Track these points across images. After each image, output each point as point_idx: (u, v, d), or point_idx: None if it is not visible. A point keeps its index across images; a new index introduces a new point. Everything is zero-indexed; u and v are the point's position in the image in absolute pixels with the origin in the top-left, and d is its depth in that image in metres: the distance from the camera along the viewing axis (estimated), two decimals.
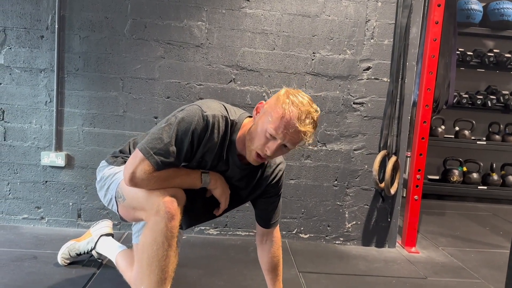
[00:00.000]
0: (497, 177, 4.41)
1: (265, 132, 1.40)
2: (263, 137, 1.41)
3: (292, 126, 1.38)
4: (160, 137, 1.42)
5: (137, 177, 1.41)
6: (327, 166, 2.76)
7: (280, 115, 1.39)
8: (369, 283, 2.24)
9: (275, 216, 1.72)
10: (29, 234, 2.53)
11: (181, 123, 1.43)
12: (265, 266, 1.75)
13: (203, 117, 1.44)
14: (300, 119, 1.38)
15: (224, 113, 1.50)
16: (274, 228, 1.74)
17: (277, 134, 1.39)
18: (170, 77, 2.63)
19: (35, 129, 2.62)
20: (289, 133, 1.39)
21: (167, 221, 1.39)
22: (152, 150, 1.41)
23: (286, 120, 1.38)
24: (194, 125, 1.42)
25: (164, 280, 1.44)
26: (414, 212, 2.79)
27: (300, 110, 1.39)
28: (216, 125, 1.46)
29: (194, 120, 1.43)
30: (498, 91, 4.49)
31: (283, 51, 2.66)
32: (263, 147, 1.42)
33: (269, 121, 1.40)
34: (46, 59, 2.58)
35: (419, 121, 2.75)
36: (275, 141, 1.40)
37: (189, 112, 1.45)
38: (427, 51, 2.71)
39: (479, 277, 2.45)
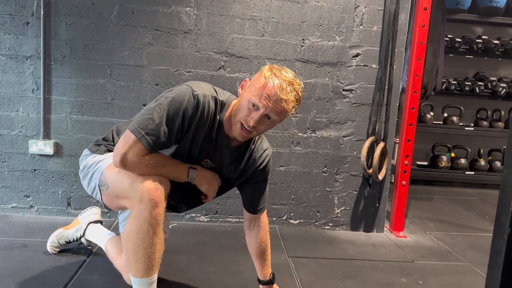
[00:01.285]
0: (484, 163, 4.47)
1: (248, 102, 1.43)
2: (246, 108, 1.43)
3: (274, 95, 1.41)
4: (151, 117, 1.41)
5: (128, 159, 1.40)
6: (316, 152, 2.77)
7: (262, 85, 1.42)
8: (357, 266, 2.28)
9: (262, 202, 1.73)
10: (18, 222, 2.53)
11: (172, 102, 1.42)
12: (253, 251, 1.78)
13: (194, 96, 1.44)
14: (282, 88, 1.41)
15: (213, 93, 1.51)
16: (262, 214, 1.75)
17: (259, 103, 1.41)
18: (158, 64, 2.61)
19: (22, 117, 2.60)
20: (271, 101, 1.41)
21: (151, 208, 1.39)
22: (143, 130, 1.40)
23: (268, 88, 1.41)
24: (185, 105, 1.42)
25: (151, 267, 1.45)
26: (402, 197, 2.83)
27: (282, 80, 1.43)
28: (206, 105, 1.46)
29: (185, 100, 1.43)
30: (486, 77, 4.53)
31: (273, 38, 2.65)
32: (247, 118, 1.44)
33: (252, 92, 1.43)
34: (32, 46, 2.54)
35: (407, 108, 2.77)
36: (258, 111, 1.43)
37: (179, 92, 1.44)
38: (415, 37, 2.72)
39: (465, 260, 2.50)
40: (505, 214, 0.94)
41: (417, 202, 3.78)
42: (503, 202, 0.95)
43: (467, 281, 2.21)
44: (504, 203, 0.95)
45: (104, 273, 1.95)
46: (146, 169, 1.43)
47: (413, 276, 2.21)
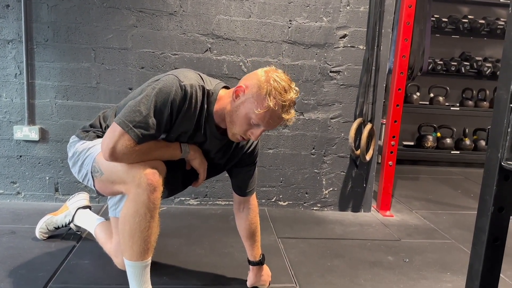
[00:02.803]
0: (469, 142, 4.54)
1: (250, 120, 1.42)
2: (247, 124, 1.44)
3: (277, 116, 1.42)
4: (138, 109, 1.38)
5: (117, 152, 1.38)
6: (304, 135, 2.78)
7: (266, 108, 1.38)
8: (345, 246, 2.32)
9: (251, 184, 1.74)
10: (5, 209, 2.50)
11: (159, 94, 1.40)
12: (243, 233, 1.79)
13: (181, 87, 1.41)
14: (284, 110, 1.41)
15: (200, 82, 1.48)
16: (251, 196, 1.77)
17: (262, 123, 1.42)
18: (143, 46, 2.57)
19: (6, 103, 2.55)
20: (274, 122, 1.43)
21: (149, 193, 1.39)
22: (131, 123, 1.37)
23: (271, 112, 1.40)
24: (173, 96, 1.40)
25: (147, 250, 1.46)
26: (388, 177, 2.87)
27: (284, 100, 1.40)
28: (194, 95, 1.45)
29: (172, 91, 1.40)
30: (472, 57, 4.56)
31: (259, 19, 2.62)
32: (247, 133, 1.46)
33: (253, 112, 1.40)
34: (13, 30, 2.48)
35: (394, 89, 2.79)
36: (259, 127, 1.44)
37: (166, 83, 1.42)
38: (402, 17, 2.71)
39: (450, 237, 2.56)
40: (489, 192, 0.96)
41: (403, 181, 3.84)
42: (487, 181, 0.97)
43: (452, 258, 2.26)
44: (488, 181, 0.96)
45: (94, 258, 1.96)
46: (138, 158, 1.42)
47: (400, 254, 2.26)
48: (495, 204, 0.96)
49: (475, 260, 1.01)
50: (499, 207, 0.96)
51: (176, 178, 1.66)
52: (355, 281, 1.93)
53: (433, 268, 2.12)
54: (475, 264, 1.01)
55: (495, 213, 0.96)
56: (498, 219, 0.97)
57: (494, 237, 0.98)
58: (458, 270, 2.10)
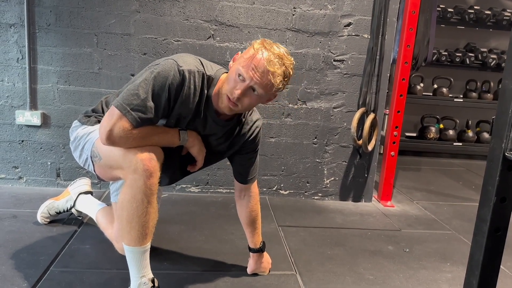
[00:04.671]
0: (472, 134, 4.53)
1: (236, 74, 1.41)
2: (233, 80, 1.42)
3: (260, 66, 1.38)
4: (136, 93, 1.38)
5: (114, 135, 1.37)
6: (307, 124, 2.77)
7: (251, 55, 1.40)
8: (345, 235, 2.33)
9: (252, 172, 1.74)
10: (7, 194, 2.51)
11: (157, 77, 1.39)
12: (244, 220, 1.80)
13: (179, 71, 1.41)
14: (270, 60, 1.38)
15: (200, 68, 1.47)
16: (252, 184, 1.76)
17: (245, 74, 1.39)
18: (146, 32, 2.55)
19: (8, 87, 2.54)
20: (257, 73, 1.38)
21: (145, 178, 1.39)
22: (129, 106, 1.37)
23: (256, 59, 1.39)
24: (170, 80, 1.40)
25: (145, 235, 1.47)
26: (390, 167, 2.87)
27: (272, 53, 1.40)
28: (192, 80, 1.44)
29: (170, 75, 1.40)
30: (477, 48, 4.52)
31: (263, 6, 2.60)
32: (233, 90, 1.42)
33: (240, 63, 1.42)
34: (15, 13, 2.46)
35: (398, 78, 2.77)
36: (244, 82, 1.41)
37: (164, 67, 1.41)
38: (407, 6, 2.68)
39: (450, 228, 2.56)
40: (492, 183, 0.96)
41: (405, 172, 3.83)
42: (490, 171, 0.96)
43: (452, 248, 2.27)
44: (491, 172, 0.96)
45: (95, 243, 1.97)
46: (135, 142, 1.41)
47: (400, 244, 2.26)
48: (497, 195, 0.95)
49: (475, 250, 1.01)
50: (502, 198, 0.95)
51: (174, 165, 1.66)
52: (354, 269, 1.94)
53: (433, 258, 2.12)
54: (475, 254, 1.01)
55: (497, 204, 0.96)
56: (500, 209, 0.96)
57: (496, 228, 0.97)
58: (458, 261, 2.11)
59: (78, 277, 1.69)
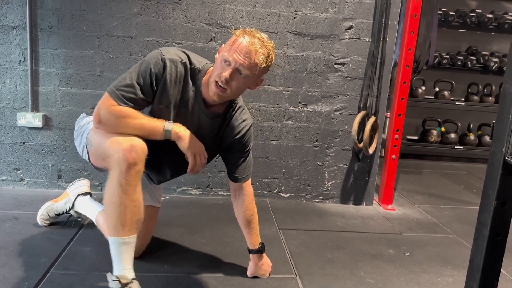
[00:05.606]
0: (473, 137, 4.52)
1: (221, 60, 1.50)
2: (220, 66, 1.51)
3: (243, 48, 1.47)
4: (124, 77, 1.53)
5: (101, 115, 1.49)
6: (308, 127, 2.77)
7: (233, 41, 1.50)
8: (346, 238, 2.33)
9: (244, 171, 1.77)
10: (8, 195, 2.52)
11: (142, 64, 1.54)
12: (240, 220, 1.82)
13: (161, 59, 1.52)
14: (252, 42, 1.48)
15: (184, 59, 1.57)
16: (245, 183, 1.79)
17: (230, 57, 1.48)
18: (147, 35, 2.56)
19: (10, 89, 2.55)
20: (241, 54, 1.47)
21: (123, 168, 1.40)
22: (115, 87, 1.51)
23: (238, 43, 1.48)
24: (152, 65, 1.51)
25: (122, 227, 1.44)
26: (391, 171, 2.86)
27: (252, 36, 1.50)
28: (174, 68, 1.53)
29: (152, 61, 1.52)
30: (478, 51, 4.52)
31: (265, 9, 2.60)
32: (220, 74, 1.49)
33: (224, 50, 1.52)
34: (17, 16, 2.47)
35: (399, 82, 2.77)
36: (229, 66, 1.49)
37: (149, 55, 1.56)
38: (409, 10, 2.69)
39: (451, 232, 2.55)
40: (492, 187, 0.96)
41: (406, 175, 3.83)
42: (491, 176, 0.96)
43: (453, 252, 2.26)
44: (492, 176, 0.96)
45: (96, 245, 1.97)
46: (117, 122, 1.48)
47: (401, 248, 2.26)
48: (498, 199, 0.95)
49: (476, 254, 1.01)
50: (502, 202, 0.95)
51: (162, 164, 1.71)
52: (355, 273, 1.94)
53: (434, 262, 2.12)
54: (476, 259, 1.00)
55: (497, 208, 0.96)
56: (501, 213, 0.96)
57: (496, 232, 0.97)
58: (459, 265, 2.11)
59: (79, 279, 1.69)
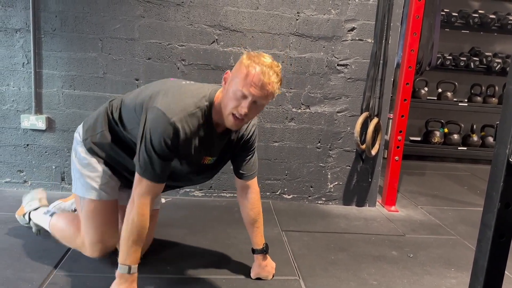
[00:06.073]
0: (477, 138, 4.50)
1: (236, 93, 1.47)
2: (235, 99, 1.48)
3: (258, 81, 1.45)
4: (145, 162, 1.51)
5: (133, 219, 1.54)
6: (310, 128, 2.77)
7: (245, 74, 1.47)
8: (349, 240, 2.32)
9: (252, 168, 1.79)
10: (12, 197, 2.52)
11: (153, 139, 1.48)
12: (246, 218, 1.83)
13: (171, 124, 1.47)
14: (264, 73, 1.46)
15: (190, 109, 1.51)
16: (252, 180, 1.80)
17: (247, 91, 1.46)
18: (150, 37, 2.56)
19: (13, 92, 2.56)
20: (257, 88, 1.46)
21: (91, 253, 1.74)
22: (149, 175, 1.52)
23: (251, 76, 1.46)
24: (164, 137, 1.47)
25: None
26: (394, 172, 2.86)
27: (262, 65, 1.47)
28: (187, 126, 1.50)
29: (161, 132, 1.47)
30: (481, 52, 4.50)
31: (267, 11, 2.60)
32: (237, 108, 1.48)
33: (237, 83, 1.48)
34: (21, 19, 2.48)
35: (402, 83, 2.76)
36: (246, 99, 1.47)
37: (155, 124, 1.48)
38: (411, 11, 2.68)
39: (455, 233, 2.55)
40: (496, 188, 0.95)
41: (409, 177, 3.82)
42: (494, 177, 0.96)
43: (457, 254, 2.25)
44: (495, 178, 0.95)
45: None
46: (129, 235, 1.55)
47: (404, 249, 2.25)
48: (501, 200, 0.95)
49: (480, 256, 1.00)
50: (506, 203, 0.95)
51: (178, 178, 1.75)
52: (358, 274, 1.93)
53: (438, 264, 2.11)
54: (480, 260, 1.00)
55: (501, 209, 0.95)
56: (504, 215, 0.96)
57: (500, 234, 0.97)
58: (462, 266, 2.10)
59: (82, 281, 1.70)
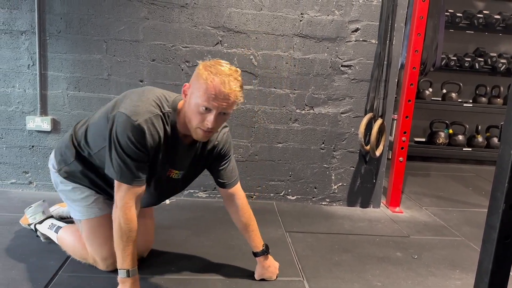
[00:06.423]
0: (481, 139, 4.48)
1: (198, 108, 1.46)
2: (199, 113, 1.47)
3: (219, 92, 1.43)
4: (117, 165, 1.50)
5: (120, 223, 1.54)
6: (314, 129, 2.77)
7: (205, 88, 1.44)
8: (353, 241, 2.32)
9: (232, 175, 1.79)
10: (17, 198, 2.54)
11: (122, 144, 1.47)
12: (239, 225, 1.83)
13: (135, 126, 1.46)
14: (224, 83, 1.44)
15: (155, 111, 1.51)
16: (236, 186, 1.81)
17: (209, 105, 1.45)
18: (154, 39, 2.57)
19: (19, 93, 2.58)
20: (219, 100, 1.44)
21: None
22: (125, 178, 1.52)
23: (211, 88, 1.43)
24: (133, 138, 1.46)
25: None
26: (398, 173, 2.85)
27: (221, 75, 1.44)
28: (152, 128, 1.49)
29: (129, 133, 1.46)
30: (486, 53, 4.49)
31: (271, 12, 2.61)
32: (204, 123, 1.47)
33: (197, 97, 1.45)
34: (26, 21, 2.50)
35: (406, 84, 2.76)
36: (211, 112, 1.46)
37: (120, 126, 1.47)
38: (415, 12, 2.68)
39: (460, 235, 2.54)
40: (501, 189, 0.95)
41: (414, 178, 3.81)
42: (499, 178, 0.95)
43: (461, 255, 2.25)
44: (500, 178, 0.95)
45: None
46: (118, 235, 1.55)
47: (408, 250, 2.25)
48: (506, 201, 0.94)
49: (485, 257, 1.00)
50: (511, 204, 0.94)
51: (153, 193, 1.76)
52: (362, 276, 1.93)
53: (442, 265, 2.10)
54: (484, 262, 1.00)
55: (506, 211, 0.95)
56: (510, 216, 0.95)
57: (505, 235, 0.96)
58: (467, 268, 2.09)
59: (87, 282, 1.70)
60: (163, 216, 2.42)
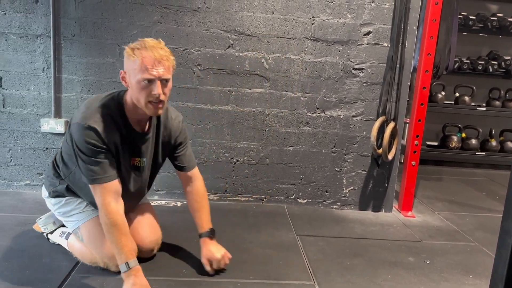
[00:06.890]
0: (495, 143, 4.42)
1: (141, 83, 1.55)
2: (143, 88, 1.57)
3: (154, 61, 1.55)
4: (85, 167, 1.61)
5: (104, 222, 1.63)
6: (325, 132, 2.77)
7: (139, 63, 1.55)
8: (365, 245, 2.30)
9: (191, 159, 1.94)
10: (31, 200, 2.57)
11: (81, 148, 1.59)
12: (192, 203, 1.94)
13: (87, 128, 1.57)
14: (153, 51, 1.56)
15: (102, 110, 1.62)
16: (194, 169, 1.94)
17: (150, 76, 1.55)
18: (167, 42, 2.55)
19: (34, 96, 2.62)
20: (156, 67, 1.55)
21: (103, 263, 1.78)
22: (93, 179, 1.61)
23: (144, 61, 1.54)
24: (90, 141, 1.57)
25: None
26: (411, 177, 2.82)
27: (147, 48, 1.56)
28: (104, 125, 1.60)
29: (84, 138, 1.57)
30: (500, 56, 4.43)
31: (282, 15, 2.61)
32: (151, 94, 1.57)
33: (136, 74, 1.56)
34: (41, 25, 2.54)
35: (418, 87, 2.74)
36: (153, 82, 1.56)
37: (75, 133, 1.60)
38: (428, 15, 2.66)
39: (473, 240, 2.50)
40: None
41: (426, 182, 3.77)
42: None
43: (475, 260, 2.22)
44: None
45: None
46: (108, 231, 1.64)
47: (421, 255, 2.22)
48: None
49: (499, 263, 0.98)
50: None
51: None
52: (374, 280, 1.91)
53: (455, 271, 2.08)
54: (499, 268, 0.98)
55: None
56: None
57: None
58: (481, 273, 2.06)
59: (99, 283, 1.72)
60: (175, 218, 2.43)
